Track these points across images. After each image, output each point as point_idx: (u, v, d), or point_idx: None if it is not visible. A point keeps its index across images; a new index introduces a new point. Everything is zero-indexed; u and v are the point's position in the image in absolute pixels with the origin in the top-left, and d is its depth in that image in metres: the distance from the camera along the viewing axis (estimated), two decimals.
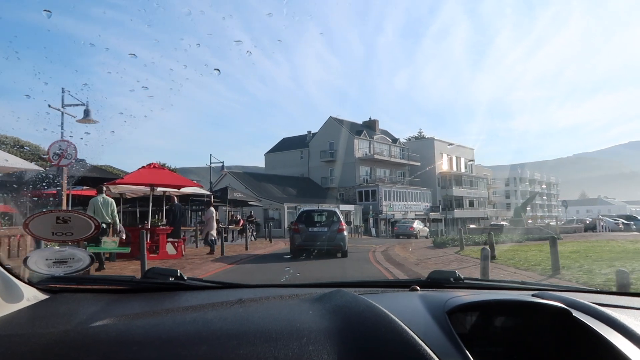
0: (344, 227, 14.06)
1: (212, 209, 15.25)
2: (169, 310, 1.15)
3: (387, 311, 0.97)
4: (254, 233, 25.79)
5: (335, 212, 14.67)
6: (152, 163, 14.05)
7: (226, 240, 18.59)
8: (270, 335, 0.89)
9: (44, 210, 1.44)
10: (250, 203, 25.00)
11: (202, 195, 16.75)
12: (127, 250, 10.41)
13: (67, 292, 1.33)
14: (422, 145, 56.01)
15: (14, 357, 0.84)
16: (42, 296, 1.24)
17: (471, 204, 60.12)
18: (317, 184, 48.69)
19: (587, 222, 33.73)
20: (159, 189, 13.38)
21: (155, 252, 12.24)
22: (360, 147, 48.75)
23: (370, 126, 52.92)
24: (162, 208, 14.44)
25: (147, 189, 12.92)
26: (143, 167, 13.64)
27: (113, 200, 10.41)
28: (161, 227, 12.76)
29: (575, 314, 1.09)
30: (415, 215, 49.21)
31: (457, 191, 56.34)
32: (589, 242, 17.11)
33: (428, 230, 40.08)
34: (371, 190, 46.31)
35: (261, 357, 0.82)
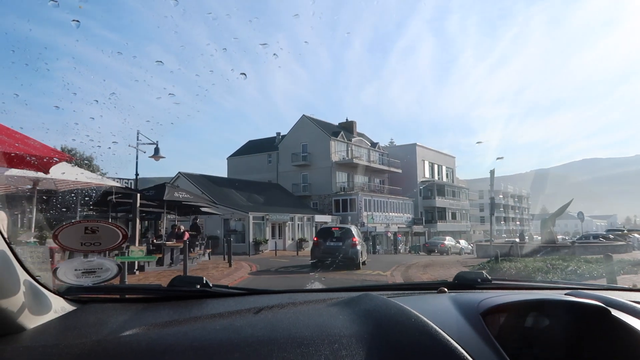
0: (357, 242, 15.69)
1: None
2: (197, 318, 1.14)
3: (418, 313, 0.96)
4: (207, 250, 19.29)
5: (350, 229, 16.48)
6: None
7: (160, 265, 12.19)
8: (301, 341, 0.89)
9: (72, 221, 1.43)
10: (204, 209, 18.41)
11: (114, 193, 10.29)
12: (154, 259, 10.94)
13: (95, 302, 1.33)
14: (403, 151, 50.85)
15: None
16: (71, 306, 1.24)
17: (454, 216, 55.42)
18: (287, 191, 42.47)
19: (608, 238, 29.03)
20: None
21: None
22: (337, 150, 43.01)
23: (347, 128, 47.29)
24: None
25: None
26: None
27: None
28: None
29: (614, 312, 1.08)
30: (398, 227, 43.75)
31: (440, 202, 51.47)
32: None
33: (462, 247, 37.13)
34: (349, 199, 40.52)
35: None
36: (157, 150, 14.07)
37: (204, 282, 1.44)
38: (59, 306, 1.20)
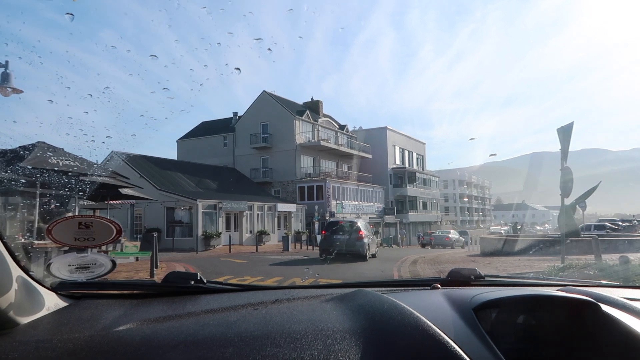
0: (364, 235, 16.21)
1: None
2: (192, 314, 1.14)
3: (411, 309, 0.97)
4: (130, 245, 13.97)
5: (355, 222, 17.19)
6: None
7: None
8: (294, 336, 0.90)
9: (66, 216, 1.59)
10: (125, 192, 12.99)
11: None
12: (148, 254, 10.97)
13: (89, 297, 1.32)
14: (373, 135, 46.57)
15: None
16: (65, 302, 1.24)
17: (424, 205, 51.99)
18: (245, 177, 37.23)
19: (616, 227, 25.66)
20: None
21: None
22: (302, 130, 38.12)
23: (312, 108, 42.31)
24: None
25: None
26: None
27: None
28: None
29: (604, 307, 1.09)
30: (369, 218, 39.55)
31: (411, 190, 47.76)
32: None
33: (463, 240, 34.38)
34: (316, 185, 35.82)
35: (287, 358, 0.83)
36: (5, 76, 7.93)
37: (199, 277, 1.43)
38: (53, 302, 1.19)
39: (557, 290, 1.29)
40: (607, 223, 24.44)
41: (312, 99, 44.27)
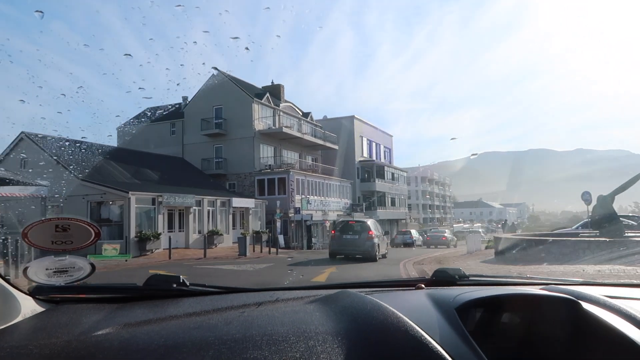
0: (374, 235, 16.04)
1: None
2: (173, 317, 1.12)
3: (394, 310, 0.97)
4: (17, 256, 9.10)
5: (366, 223, 17.05)
6: None
7: None
8: (276, 338, 0.90)
9: (43, 219, 1.37)
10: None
11: None
12: (129, 257, 11.77)
13: (68, 302, 1.29)
14: (339, 125, 42.41)
15: None
16: (43, 307, 1.21)
17: (392, 202, 48.58)
18: (195, 168, 32.10)
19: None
20: None
21: None
22: (262, 115, 33.41)
23: (273, 93, 37.60)
24: None
25: None
26: None
27: None
28: None
29: (585, 305, 1.10)
30: (337, 215, 35.44)
31: (379, 185, 44.12)
32: None
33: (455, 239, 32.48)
34: (278, 178, 31.26)
35: None
36: None
37: (181, 280, 1.41)
38: (30, 307, 1.16)
39: (540, 289, 1.30)
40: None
41: (272, 82, 39.56)
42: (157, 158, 29.44)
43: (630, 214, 26.84)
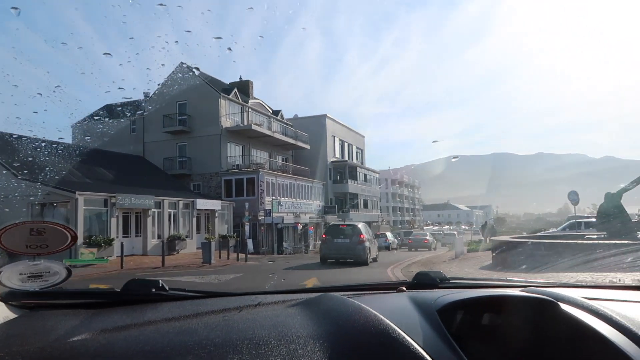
0: (365, 239, 15.88)
1: None
2: (151, 322, 1.09)
3: (376, 312, 0.97)
4: None
5: (357, 226, 16.64)
6: None
7: None
8: (257, 342, 0.89)
9: (17, 222, 1.34)
10: None
11: None
12: (106, 261, 10.86)
13: (43, 307, 1.25)
14: (310, 124, 40.78)
15: None
16: (16, 313, 1.17)
17: (365, 204, 47.28)
18: (156, 168, 29.71)
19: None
20: None
21: None
22: (229, 112, 31.35)
23: (241, 89, 35.58)
24: None
25: None
26: None
27: None
28: None
29: (563, 306, 1.12)
30: (309, 218, 33.74)
31: (352, 187, 42.73)
32: None
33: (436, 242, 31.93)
34: (247, 178, 29.26)
35: None
36: None
37: (160, 285, 1.37)
38: (2, 313, 1.14)
39: (520, 290, 1.31)
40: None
41: (240, 78, 37.51)
42: (114, 156, 26.94)
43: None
